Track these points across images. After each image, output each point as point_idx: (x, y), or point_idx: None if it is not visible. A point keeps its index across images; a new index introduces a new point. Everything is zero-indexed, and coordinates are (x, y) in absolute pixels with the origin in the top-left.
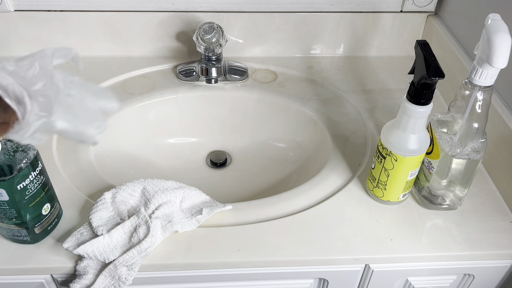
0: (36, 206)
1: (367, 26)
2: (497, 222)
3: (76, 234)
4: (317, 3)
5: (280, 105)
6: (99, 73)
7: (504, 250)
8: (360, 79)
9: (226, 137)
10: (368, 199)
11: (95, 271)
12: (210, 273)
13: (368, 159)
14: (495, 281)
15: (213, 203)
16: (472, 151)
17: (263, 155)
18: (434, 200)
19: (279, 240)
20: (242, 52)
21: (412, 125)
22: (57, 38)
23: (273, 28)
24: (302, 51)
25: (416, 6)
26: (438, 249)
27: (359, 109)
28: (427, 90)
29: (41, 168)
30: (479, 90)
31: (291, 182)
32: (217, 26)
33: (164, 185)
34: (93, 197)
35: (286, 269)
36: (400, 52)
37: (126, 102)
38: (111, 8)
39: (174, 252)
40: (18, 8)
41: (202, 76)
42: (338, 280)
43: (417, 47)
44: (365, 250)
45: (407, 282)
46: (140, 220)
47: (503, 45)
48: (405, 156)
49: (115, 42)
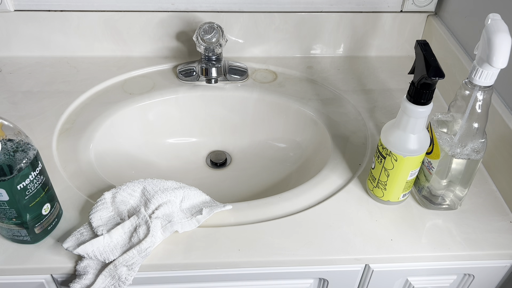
0: (36, 206)
1: (367, 26)
2: (497, 222)
3: (76, 234)
4: (317, 3)
5: (280, 105)
6: (99, 73)
7: (504, 250)
8: (360, 79)
9: (226, 137)
10: (368, 199)
11: (95, 271)
12: (210, 273)
13: (368, 159)
14: (495, 281)
15: (213, 203)
16: (472, 151)
17: (263, 155)
18: (434, 200)
19: (279, 240)
20: (242, 52)
21: (412, 125)
22: (57, 38)
23: (273, 28)
24: (302, 51)
25: (416, 6)
26: (438, 249)
27: (359, 109)
28: (427, 90)
29: (41, 168)
30: (479, 90)
31: (291, 182)
32: (217, 26)
33: (164, 185)
34: (93, 197)
35: (286, 269)
36: (400, 52)
37: (126, 102)
38: (111, 8)
39: (174, 252)
40: (18, 8)
41: (202, 76)
42: (338, 280)
43: (417, 47)
44: (365, 250)
45: (407, 282)
46: (140, 220)
47: (503, 45)
48: (405, 156)
49: (115, 42)
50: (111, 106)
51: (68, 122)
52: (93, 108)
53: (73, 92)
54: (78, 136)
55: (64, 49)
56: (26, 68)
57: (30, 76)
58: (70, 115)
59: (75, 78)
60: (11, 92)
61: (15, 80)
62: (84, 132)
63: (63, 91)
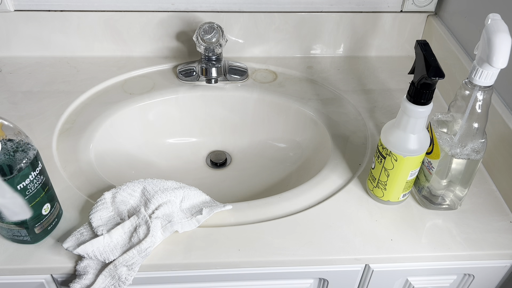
0: (36, 206)
1: (367, 26)
2: (497, 222)
3: (76, 234)
4: (317, 3)
5: (280, 105)
6: (99, 73)
7: (504, 250)
8: (360, 79)
9: (226, 137)
10: (368, 199)
11: (95, 271)
12: (210, 273)
13: (368, 159)
14: (495, 281)
15: (213, 203)
16: (472, 151)
17: (263, 155)
18: (434, 200)
19: (279, 240)
20: (242, 52)
21: (412, 125)
22: (57, 38)
23: (273, 28)
24: (302, 51)
25: (416, 6)
26: (438, 249)
27: (359, 109)
28: (427, 90)
29: (41, 168)
30: (479, 90)
31: (291, 182)
32: (217, 26)
33: (164, 185)
34: (93, 197)
35: (286, 269)
36: (400, 52)
37: (126, 102)
38: (111, 8)
39: (174, 252)
40: (18, 8)
41: (202, 76)
42: (338, 280)
43: (417, 47)
44: (365, 250)
45: (407, 282)
46: (140, 220)
47: (503, 45)
48: (405, 156)
49: (115, 42)
50: (111, 106)
51: (68, 122)
52: (93, 108)
53: (73, 92)
54: (78, 136)
55: (64, 49)
56: (26, 68)
57: (30, 76)
58: (70, 115)
59: (75, 78)
60: (11, 92)
61: (15, 80)
62: (84, 132)
63: (63, 91)
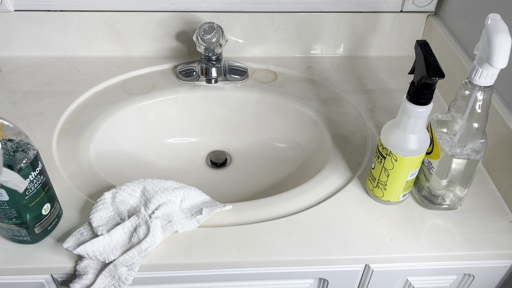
0: (36, 206)
1: (367, 26)
2: (497, 222)
3: (76, 234)
4: (317, 3)
5: (280, 105)
6: (99, 73)
7: (504, 250)
8: (360, 79)
9: (226, 137)
10: (368, 199)
11: (95, 271)
12: (210, 273)
13: (368, 159)
14: (495, 281)
15: (213, 203)
16: (472, 151)
17: (263, 155)
18: (434, 200)
19: (279, 240)
20: (242, 52)
21: (412, 125)
22: (57, 38)
23: (273, 28)
24: (302, 51)
25: (416, 6)
26: (438, 249)
27: (359, 109)
28: (427, 90)
29: (41, 168)
30: (479, 90)
31: (291, 182)
32: (217, 26)
33: (164, 185)
34: (93, 197)
35: (286, 269)
36: (400, 52)
37: (126, 102)
38: (111, 8)
39: (174, 252)
40: (18, 8)
41: (202, 76)
42: (338, 280)
43: (417, 47)
44: (365, 250)
45: (407, 282)
46: (140, 220)
47: (503, 45)
48: (405, 156)
49: (115, 42)
50: (111, 106)
51: (68, 122)
52: (93, 108)
53: (73, 92)
54: (78, 136)
55: (64, 49)
56: (26, 68)
57: (30, 76)
58: (70, 115)
59: (75, 78)
60: (11, 92)
61: (15, 80)
62: (84, 132)
63: (63, 91)
